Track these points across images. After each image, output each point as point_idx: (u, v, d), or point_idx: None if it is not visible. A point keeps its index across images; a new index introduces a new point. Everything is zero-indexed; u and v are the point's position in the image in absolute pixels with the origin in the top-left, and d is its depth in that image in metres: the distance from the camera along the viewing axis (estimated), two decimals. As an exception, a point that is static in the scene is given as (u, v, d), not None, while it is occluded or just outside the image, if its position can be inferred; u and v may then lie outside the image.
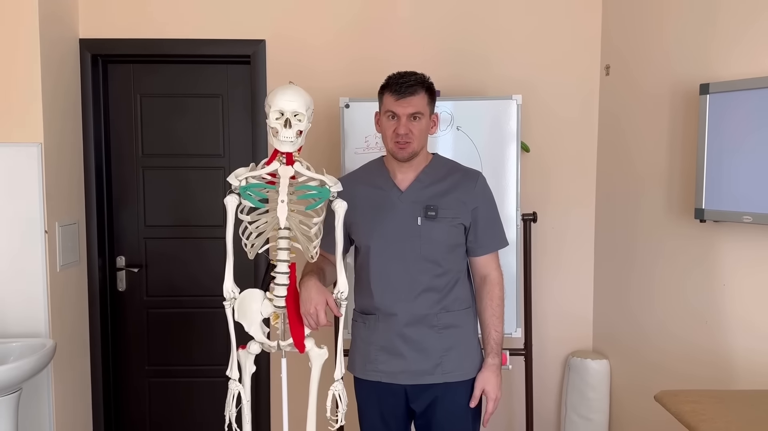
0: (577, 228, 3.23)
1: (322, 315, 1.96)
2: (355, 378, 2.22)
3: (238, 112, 3.28)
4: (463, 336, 2.13)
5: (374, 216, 2.11)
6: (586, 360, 3.10)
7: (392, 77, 2.07)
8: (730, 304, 2.41)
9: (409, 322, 2.08)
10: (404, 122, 2.03)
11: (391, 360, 2.10)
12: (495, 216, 2.19)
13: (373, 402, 2.17)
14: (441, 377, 2.08)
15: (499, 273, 2.17)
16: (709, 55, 2.48)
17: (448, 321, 2.10)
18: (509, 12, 3.14)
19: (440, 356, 2.09)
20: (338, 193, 1.99)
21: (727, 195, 2.32)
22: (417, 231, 2.07)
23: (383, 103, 2.09)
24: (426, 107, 2.06)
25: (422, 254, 2.07)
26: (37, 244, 2.78)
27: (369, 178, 2.19)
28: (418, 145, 2.06)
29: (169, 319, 3.37)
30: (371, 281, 2.11)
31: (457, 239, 2.11)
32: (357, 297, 2.22)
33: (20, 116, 2.74)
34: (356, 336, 2.22)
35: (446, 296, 2.10)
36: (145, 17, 3.11)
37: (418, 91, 2.03)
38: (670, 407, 1.90)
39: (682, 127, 2.61)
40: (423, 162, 2.14)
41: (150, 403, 3.40)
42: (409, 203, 2.10)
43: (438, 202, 2.08)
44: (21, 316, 2.78)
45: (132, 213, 3.33)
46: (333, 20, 3.12)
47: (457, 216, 2.09)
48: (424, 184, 2.12)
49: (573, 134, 3.20)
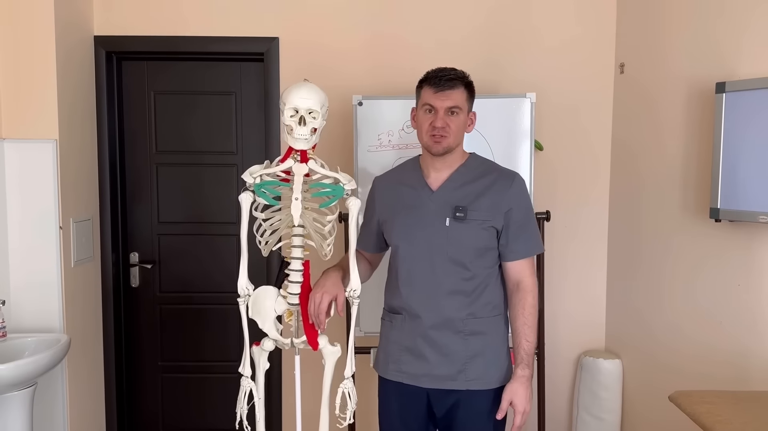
0: (591, 227, 3.21)
1: (324, 304, 1.94)
2: (379, 376, 2.19)
3: (251, 110, 3.29)
4: (490, 344, 2.05)
5: (404, 216, 2.07)
6: (598, 360, 3.08)
7: (432, 71, 2.03)
8: (746, 305, 2.39)
9: (434, 325, 2.03)
10: (441, 115, 1.98)
11: (415, 362, 2.06)
12: (529, 220, 2.08)
13: (394, 402, 2.13)
14: (464, 384, 2.03)
15: (532, 281, 2.06)
16: (724, 54, 2.46)
17: (475, 327, 2.03)
18: (523, 11, 3.13)
19: (464, 362, 2.03)
20: (359, 189, 1.99)
21: (743, 195, 2.30)
22: (444, 233, 2.01)
23: (421, 96, 2.04)
24: (465, 103, 2.02)
25: (449, 256, 2.01)
26: (51, 240, 2.80)
27: (403, 176, 2.16)
28: (454, 141, 2.01)
29: (181, 315, 3.38)
30: (399, 281, 2.08)
31: (487, 242, 2.03)
32: (386, 296, 2.18)
33: (36, 113, 2.76)
34: (383, 335, 2.19)
35: (474, 301, 2.03)
36: (159, 15, 3.12)
37: (458, 86, 1.99)
38: (685, 407, 1.89)
39: (697, 126, 2.59)
40: (458, 160, 2.08)
41: (162, 398, 3.42)
42: (439, 203, 2.04)
43: (469, 203, 2.01)
44: (36, 312, 2.80)
45: (145, 209, 3.34)
46: (346, 18, 3.12)
47: (488, 218, 2.01)
48: (457, 184, 2.05)
49: (587, 133, 3.18)
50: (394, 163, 2.84)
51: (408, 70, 3.11)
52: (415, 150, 2.85)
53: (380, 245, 2.22)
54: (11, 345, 2.57)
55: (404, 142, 2.84)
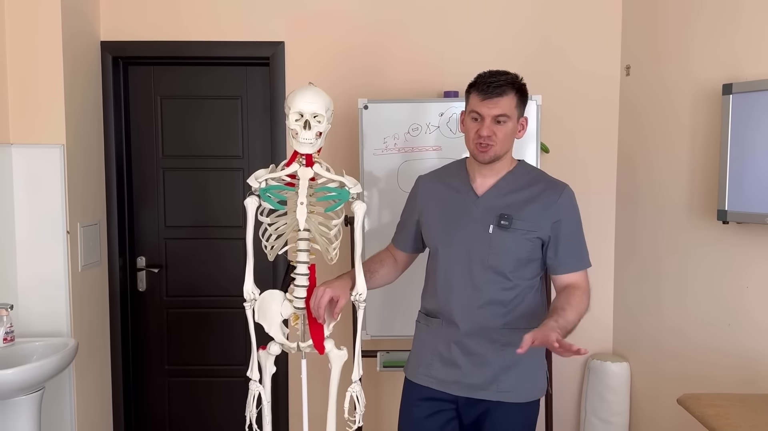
0: (597, 230, 3.19)
1: (325, 298, 1.91)
2: (406, 378, 2.14)
3: (257, 114, 3.30)
4: (524, 356, 1.85)
5: (446, 219, 2.02)
6: (606, 363, 3.07)
7: (482, 75, 1.93)
8: (755, 307, 2.38)
9: (470, 333, 1.97)
10: (488, 124, 1.89)
11: (446, 369, 2.01)
12: (578, 234, 2.01)
13: (419, 407, 2.07)
14: (495, 395, 1.96)
15: (587, 286, 1.98)
16: (731, 55, 2.45)
17: (511, 338, 1.92)
18: (529, 12, 3.13)
19: (498, 373, 1.96)
20: (365, 193, 1.99)
21: (751, 196, 2.29)
22: (487, 240, 1.95)
23: (469, 102, 1.95)
24: (514, 110, 1.91)
25: (489, 264, 1.95)
26: (59, 245, 2.81)
27: (448, 178, 2.09)
28: (501, 149, 1.93)
29: (188, 319, 3.39)
30: (436, 285, 2.04)
31: (531, 253, 1.96)
32: (423, 298, 2.15)
33: (43, 118, 2.78)
34: (417, 337, 2.15)
35: (512, 311, 1.97)
36: (165, 20, 3.13)
37: (507, 92, 1.89)
38: (693, 410, 1.88)
39: (704, 127, 2.58)
40: (506, 167, 2.00)
41: (169, 402, 3.43)
42: (483, 209, 1.97)
43: (514, 211, 1.94)
44: (43, 316, 2.82)
45: (152, 214, 3.36)
46: (351, 21, 3.13)
47: (533, 229, 1.93)
48: (503, 191, 1.98)
49: (593, 135, 3.18)
50: (399, 167, 2.85)
51: (413, 73, 3.12)
52: (421, 153, 2.86)
53: (417, 246, 2.18)
54: (19, 350, 2.58)
55: (410, 145, 2.85)
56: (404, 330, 2.82)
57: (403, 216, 2.21)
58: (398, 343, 2.90)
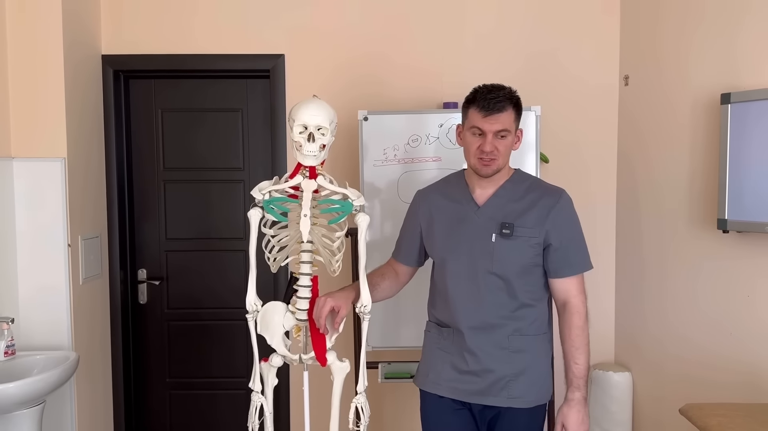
0: (598, 240, 3.20)
1: (326, 308, 1.94)
2: (420, 390, 2.15)
3: (258, 126, 3.31)
4: (534, 362, 2.01)
5: (448, 230, 2.05)
6: (608, 373, 3.07)
7: (480, 91, 1.96)
8: (756, 315, 2.38)
9: (477, 340, 1.99)
10: (490, 140, 1.92)
11: (456, 376, 2.03)
12: (576, 238, 2.03)
13: (436, 416, 2.09)
14: (506, 401, 1.99)
15: (580, 300, 2.00)
16: (730, 65, 2.46)
17: (520, 345, 1.99)
18: (528, 24, 3.15)
19: (508, 380, 1.99)
20: (362, 206, 2.00)
21: (750, 205, 2.30)
22: (490, 249, 1.97)
23: (468, 117, 1.97)
24: (512, 124, 1.96)
25: (494, 272, 1.97)
26: (60, 258, 2.81)
27: (447, 190, 2.12)
28: (503, 162, 1.97)
29: (189, 332, 3.38)
30: (441, 295, 2.06)
31: (533, 260, 1.99)
32: (430, 308, 2.17)
33: (44, 132, 2.79)
34: (426, 347, 2.16)
35: (519, 319, 1.99)
36: (166, 33, 3.15)
37: (507, 108, 1.93)
38: (696, 421, 1.88)
39: (703, 137, 2.59)
40: (504, 177, 2.04)
41: (171, 415, 3.41)
42: (485, 219, 2.00)
43: (515, 219, 1.97)
44: (45, 329, 2.81)
45: (153, 226, 3.36)
46: (351, 34, 3.15)
47: (534, 235, 1.97)
48: (503, 200, 2.01)
49: (592, 145, 3.19)
50: (399, 178, 2.86)
51: (413, 84, 3.14)
52: (421, 164, 2.87)
53: (419, 259, 2.20)
54: (20, 363, 2.57)
55: (410, 156, 2.86)
56: (406, 342, 2.82)
57: (403, 230, 2.23)
58: (400, 355, 2.89)
